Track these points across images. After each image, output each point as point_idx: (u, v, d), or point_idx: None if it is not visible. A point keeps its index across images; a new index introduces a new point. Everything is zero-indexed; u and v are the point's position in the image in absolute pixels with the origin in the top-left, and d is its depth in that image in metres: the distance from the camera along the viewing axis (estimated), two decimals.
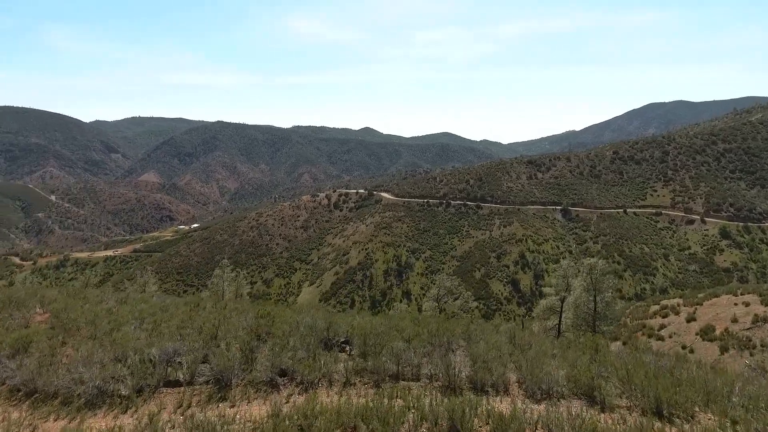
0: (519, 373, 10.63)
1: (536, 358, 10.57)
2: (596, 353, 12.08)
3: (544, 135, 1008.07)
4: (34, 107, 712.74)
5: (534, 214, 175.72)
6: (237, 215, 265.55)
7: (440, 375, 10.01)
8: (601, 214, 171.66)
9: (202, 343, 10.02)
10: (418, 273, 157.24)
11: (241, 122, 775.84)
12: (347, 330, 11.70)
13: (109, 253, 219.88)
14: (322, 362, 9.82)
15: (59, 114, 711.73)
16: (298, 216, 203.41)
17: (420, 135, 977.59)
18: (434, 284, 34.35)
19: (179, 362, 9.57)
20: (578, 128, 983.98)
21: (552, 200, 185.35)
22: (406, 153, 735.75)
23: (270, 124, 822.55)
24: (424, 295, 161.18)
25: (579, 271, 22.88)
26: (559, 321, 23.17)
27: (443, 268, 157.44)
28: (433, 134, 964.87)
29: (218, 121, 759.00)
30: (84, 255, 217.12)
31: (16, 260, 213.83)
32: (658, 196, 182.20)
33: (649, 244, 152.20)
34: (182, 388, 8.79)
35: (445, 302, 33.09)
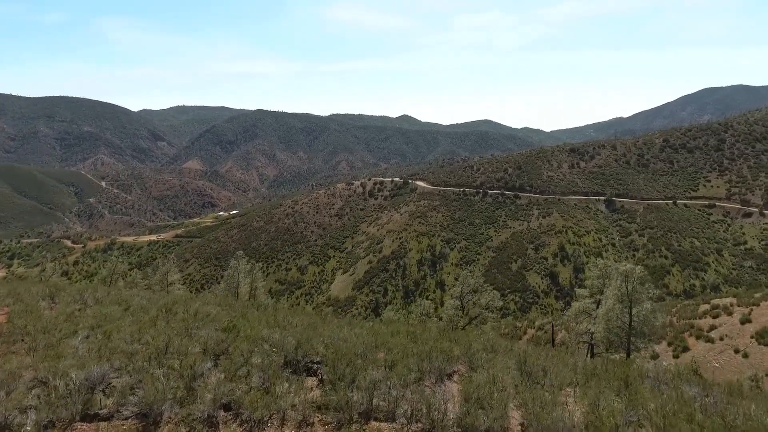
0: (525, 412, 8.57)
1: (546, 398, 8.44)
2: (626, 387, 9.79)
3: (589, 122, 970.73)
4: (87, 97, 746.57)
5: (575, 204, 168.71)
6: (273, 202, 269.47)
7: (422, 414, 8.08)
8: (648, 205, 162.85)
9: (142, 364, 8.48)
10: (452, 263, 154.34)
11: (281, 110, 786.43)
12: (322, 349, 9.90)
13: (153, 237, 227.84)
14: (277, 393, 8.06)
15: (110, 103, 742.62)
16: (333, 204, 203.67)
17: (459, 123, 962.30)
18: (457, 281, 32.19)
19: (112, 387, 8.08)
20: (626, 115, 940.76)
21: (595, 190, 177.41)
22: (445, 141, 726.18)
23: (308, 112, 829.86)
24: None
25: (611, 276, 20.14)
26: (591, 336, 20.58)
27: (478, 259, 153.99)
28: (472, 122, 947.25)
29: (258, 110, 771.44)
30: (129, 239, 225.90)
31: (68, 243, 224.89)
32: (712, 186, 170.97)
33: (701, 238, 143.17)
34: (100, 425, 7.26)
35: (469, 300, 30.91)
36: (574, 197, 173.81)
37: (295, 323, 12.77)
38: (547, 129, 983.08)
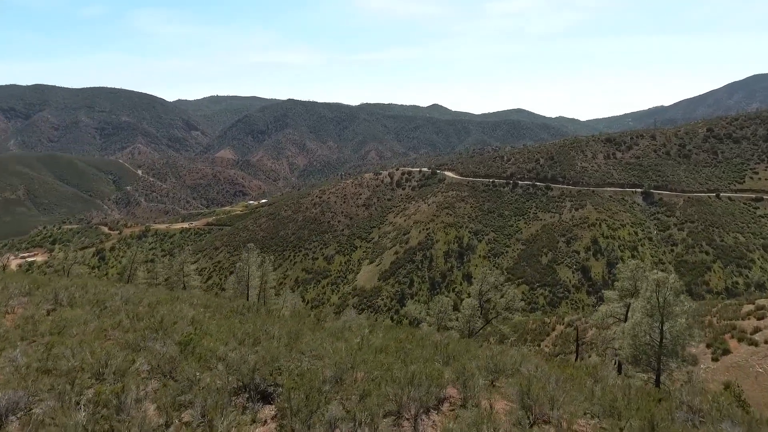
0: None
1: None
2: (651, 430, 7.98)
3: (628, 111, 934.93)
4: (125, 88, 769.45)
5: (610, 196, 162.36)
6: (301, 192, 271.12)
7: None
8: (688, 198, 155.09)
9: (64, 387, 7.25)
10: (480, 255, 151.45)
11: (311, 100, 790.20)
12: (285, 374, 8.47)
13: (185, 225, 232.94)
14: (218, 430, 6.67)
15: (146, 94, 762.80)
16: (360, 194, 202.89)
17: (490, 112, 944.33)
18: (475, 279, 30.37)
19: (30, 414, 6.90)
20: (667, 103, 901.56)
21: (632, 182, 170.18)
22: (475, 130, 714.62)
23: (338, 101, 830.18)
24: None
25: (641, 279, 17.97)
26: (616, 352, 18.53)
27: (507, 252, 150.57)
28: (504, 111, 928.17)
29: (289, 99, 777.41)
30: (163, 227, 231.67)
31: (106, 230, 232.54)
32: (760, 179, 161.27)
33: (746, 233, 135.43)
34: None
35: (488, 299, 29.07)
36: (609, 189, 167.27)
37: (274, 333, 11.39)
38: (583, 118, 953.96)
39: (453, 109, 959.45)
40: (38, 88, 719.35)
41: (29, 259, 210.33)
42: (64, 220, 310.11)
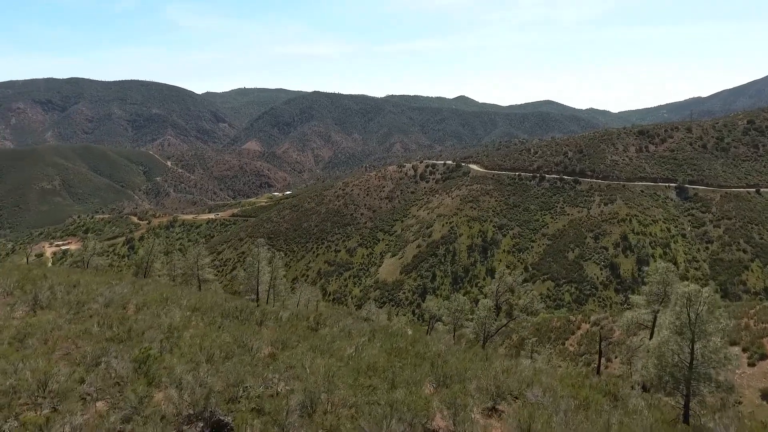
0: None
1: None
2: None
3: (663, 102, 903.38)
4: (156, 80, 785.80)
5: (642, 191, 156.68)
6: (325, 184, 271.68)
7: None
8: (726, 193, 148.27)
9: None
10: (504, 250, 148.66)
11: (336, 92, 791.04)
12: (246, 401, 7.39)
13: (212, 216, 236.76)
14: None
15: (176, 86, 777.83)
16: (384, 186, 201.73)
17: (518, 104, 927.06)
18: (493, 279, 28.91)
19: None
20: (705, 94, 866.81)
21: (665, 176, 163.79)
22: (502, 122, 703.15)
23: (364, 93, 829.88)
24: (509, 273, 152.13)
25: (671, 283, 16.23)
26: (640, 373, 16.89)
27: (532, 247, 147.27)
28: (533, 102, 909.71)
29: (315, 92, 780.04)
30: (190, 217, 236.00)
31: (135, 219, 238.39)
32: None
33: None
34: None
35: (505, 300, 27.63)
36: (640, 183, 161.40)
37: (252, 346, 10.35)
38: (615, 110, 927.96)
39: (480, 101, 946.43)
40: (74, 81, 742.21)
41: (63, 248, 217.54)
42: (97, 210, 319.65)
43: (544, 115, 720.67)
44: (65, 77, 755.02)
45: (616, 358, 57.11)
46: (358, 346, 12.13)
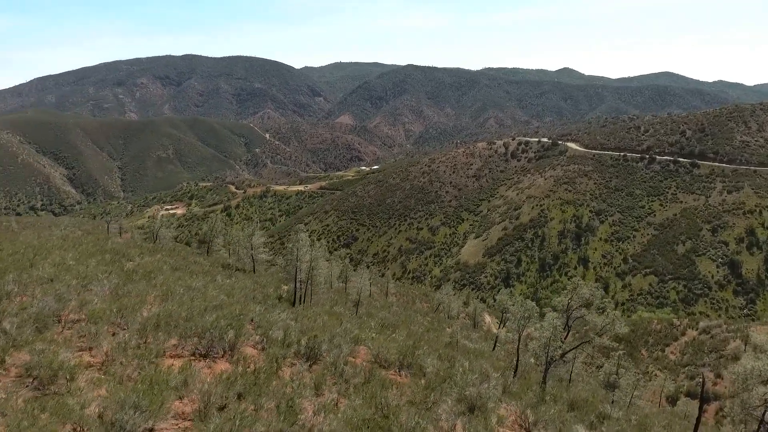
0: None
1: None
2: None
3: None
4: (258, 56, 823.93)
5: None
6: (411, 160, 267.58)
7: None
8: None
9: None
10: (600, 238, 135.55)
11: (430, 65, 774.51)
12: None
13: (301, 188, 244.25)
14: None
15: (276, 61, 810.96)
16: (471, 164, 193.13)
17: (630, 76, 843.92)
18: (565, 290, 23.19)
19: None
20: None
21: None
22: (611, 97, 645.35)
23: (459, 66, 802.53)
24: (606, 264, 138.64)
25: None
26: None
27: (634, 236, 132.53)
28: (648, 74, 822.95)
29: (408, 65, 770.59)
30: (281, 188, 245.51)
31: (233, 189, 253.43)
32: None
33: None
34: None
35: (578, 318, 22.03)
36: None
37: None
38: (750, 83, 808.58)
39: (586, 74, 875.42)
40: (188, 58, 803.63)
41: (172, 212, 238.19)
42: (203, 178, 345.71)
43: (661, 89, 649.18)
44: (180, 54, 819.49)
45: (726, 371, 47.37)
46: (326, 407, 8.13)
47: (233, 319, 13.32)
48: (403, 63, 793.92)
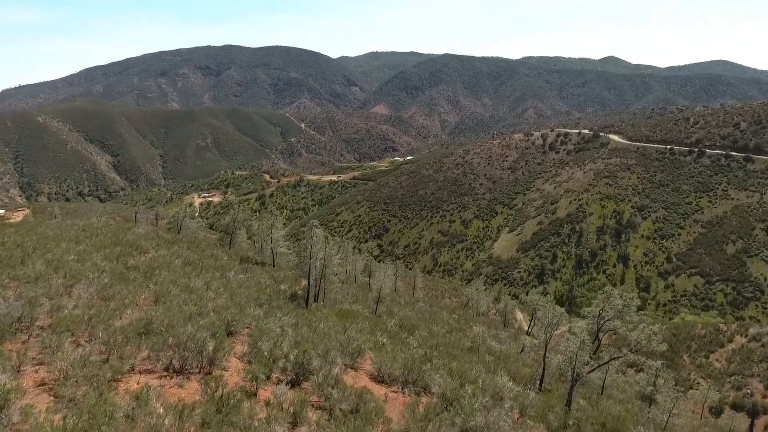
0: None
1: None
2: None
3: None
4: (295, 46, 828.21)
5: None
6: (445, 151, 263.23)
7: None
8: None
9: None
10: (642, 236, 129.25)
11: (468, 54, 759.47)
12: None
13: (334, 178, 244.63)
14: None
15: (313, 51, 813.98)
16: (507, 156, 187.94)
17: (681, 64, 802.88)
18: (597, 298, 20.99)
19: None
20: None
21: None
22: (658, 86, 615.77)
23: (497, 55, 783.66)
24: (647, 262, 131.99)
25: None
26: None
27: (679, 234, 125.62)
28: (700, 63, 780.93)
29: (445, 54, 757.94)
30: (314, 178, 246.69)
31: (267, 177, 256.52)
32: None
33: None
34: None
35: (609, 330, 19.86)
36: None
37: None
38: None
39: (632, 62, 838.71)
40: (227, 49, 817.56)
41: (208, 199, 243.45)
42: (239, 167, 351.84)
43: (714, 78, 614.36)
44: (220, 44, 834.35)
45: None
46: None
47: (217, 329, 12.12)
48: (440, 52, 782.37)
